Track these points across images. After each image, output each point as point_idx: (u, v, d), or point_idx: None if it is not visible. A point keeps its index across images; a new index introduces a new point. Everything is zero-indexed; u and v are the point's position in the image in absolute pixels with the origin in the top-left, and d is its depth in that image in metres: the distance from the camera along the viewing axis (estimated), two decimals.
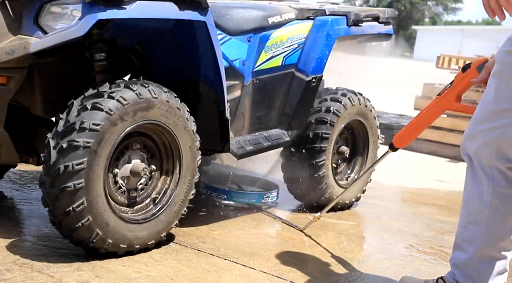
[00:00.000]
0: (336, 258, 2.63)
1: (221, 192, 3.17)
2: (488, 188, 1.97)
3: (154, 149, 2.48)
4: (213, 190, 3.19)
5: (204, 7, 2.48)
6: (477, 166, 1.98)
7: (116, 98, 2.24)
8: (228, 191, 3.17)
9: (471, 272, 2.04)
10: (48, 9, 2.28)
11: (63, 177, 2.14)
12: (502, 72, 1.94)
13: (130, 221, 2.35)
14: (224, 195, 3.17)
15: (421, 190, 4.23)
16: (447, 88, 2.42)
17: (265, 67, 3.17)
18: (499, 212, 1.98)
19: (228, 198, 3.18)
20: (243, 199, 3.20)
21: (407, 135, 2.58)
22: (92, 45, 2.46)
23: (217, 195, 3.18)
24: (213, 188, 3.20)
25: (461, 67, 2.39)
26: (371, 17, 3.51)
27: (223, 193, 3.17)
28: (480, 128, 1.98)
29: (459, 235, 2.08)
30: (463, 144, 2.06)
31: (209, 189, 3.20)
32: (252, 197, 3.20)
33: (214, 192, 3.18)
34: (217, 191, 3.18)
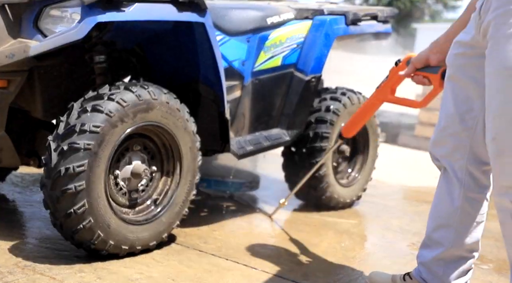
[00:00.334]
0: (337, 257, 2.64)
1: (201, 181, 3.14)
2: (460, 193, 1.98)
3: (154, 150, 2.49)
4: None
5: (202, 8, 2.49)
6: (449, 171, 2.00)
7: (116, 100, 2.25)
8: (208, 180, 3.23)
9: (437, 270, 2.06)
10: (48, 12, 2.29)
11: (64, 179, 2.15)
12: (456, 76, 1.96)
13: (132, 222, 2.36)
14: (204, 184, 3.23)
15: (421, 188, 4.23)
16: (384, 81, 2.53)
17: (265, 67, 3.17)
18: (469, 216, 2.00)
19: (208, 186, 3.25)
20: (222, 188, 3.26)
21: (353, 125, 2.82)
22: (92, 48, 2.48)
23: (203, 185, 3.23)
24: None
25: (395, 62, 2.48)
26: (370, 16, 3.51)
27: (203, 181, 3.21)
28: (446, 133, 1.99)
29: (428, 235, 2.09)
30: (431, 150, 2.08)
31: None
32: (232, 186, 3.26)
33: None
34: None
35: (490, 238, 3.18)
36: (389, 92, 2.52)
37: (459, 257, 2.06)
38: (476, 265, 2.69)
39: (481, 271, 2.66)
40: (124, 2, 2.25)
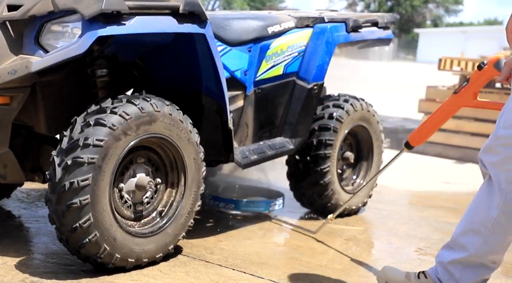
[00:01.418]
0: (345, 264, 2.63)
1: (229, 202, 3.18)
2: (499, 203, 1.95)
3: (158, 162, 2.49)
4: (220, 201, 3.20)
5: (203, 20, 2.50)
6: (494, 179, 1.96)
7: (118, 113, 2.25)
8: (236, 201, 3.18)
9: (455, 272, 2.04)
10: (49, 28, 2.30)
11: (68, 193, 2.15)
12: None
13: (137, 235, 2.36)
14: (232, 205, 3.18)
15: (427, 192, 4.22)
16: (464, 86, 2.46)
17: (267, 76, 3.18)
18: (502, 228, 1.98)
19: (237, 207, 3.19)
20: (251, 208, 3.21)
21: (423, 133, 2.65)
22: (94, 62, 2.49)
23: (224, 205, 3.19)
24: (221, 199, 3.21)
25: (477, 65, 2.42)
26: (370, 23, 3.52)
27: (231, 202, 3.18)
28: (500, 142, 1.95)
29: (455, 238, 2.07)
30: (481, 155, 2.03)
31: (216, 199, 3.21)
32: (260, 205, 3.21)
33: (221, 202, 3.20)
34: (224, 201, 3.19)
35: None
36: (471, 96, 2.44)
37: (480, 264, 2.03)
38: None
39: None
40: (124, 16, 2.26)
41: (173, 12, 2.41)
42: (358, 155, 3.51)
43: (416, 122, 6.56)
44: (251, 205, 3.21)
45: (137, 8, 2.28)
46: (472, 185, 4.53)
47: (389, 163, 2.86)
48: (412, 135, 2.68)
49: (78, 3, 2.21)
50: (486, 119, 5.45)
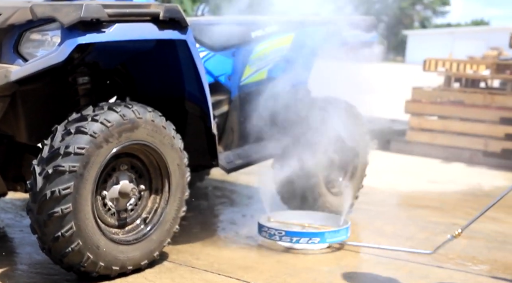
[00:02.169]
0: (330, 266, 2.63)
1: (313, 235, 2.80)
2: None
3: (142, 169, 2.48)
4: (301, 236, 2.81)
5: (183, 26, 2.50)
6: None
7: (100, 121, 2.25)
8: (321, 233, 2.81)
9: None
10: (28, 36, 2.29)
11: (50, 202, 2.14)
12: None
13: (121, 242, 2.35)
14: (317, 238, 2.79)
15: (414, 192, 4.23)
16: None
17: (251, 80, 3.19)
18: None
19: (322, 240, 2.80)
20: (338, 237, 2.84)
21: None
22: (75, 70, 2.48)
23: (308, 240, 2.79)
24: (303, 234, 2.83)
25: None
26: (353, 26, 3.53)
27: (316, 236, 2.80)
28: None
29: None
30: None
31: (295, 235, 2.80)
32: (342, 233, 2.87)
33: (303, 237, 2.80)
34: (308, 236, 2.80)
35: (481, 239, 3.18)
36: None
37: None
38: (467, 267, 2.69)
39: (473, 272, 2.65)
40: (104, 23, 2.26)
41: (154, 19, 2.40)
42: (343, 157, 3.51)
43: (403, 123, 6.58)
44: (335, 235, 2.83)
45: (116, 15, 2.28)
46: (458, 185, 4.57)
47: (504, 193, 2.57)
48: None
49: (57, 11, 2.20)
50: (471, 118, 5.49)
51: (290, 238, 2.79)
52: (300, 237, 2.79)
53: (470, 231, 3.30)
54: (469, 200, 4.11)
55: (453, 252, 2.91)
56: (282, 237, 2.80)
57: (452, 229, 3.33)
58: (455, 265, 2.73)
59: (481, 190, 4.46)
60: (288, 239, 2.79)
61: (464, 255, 2.89)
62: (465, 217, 3.60)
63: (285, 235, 2.79)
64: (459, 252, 2.93)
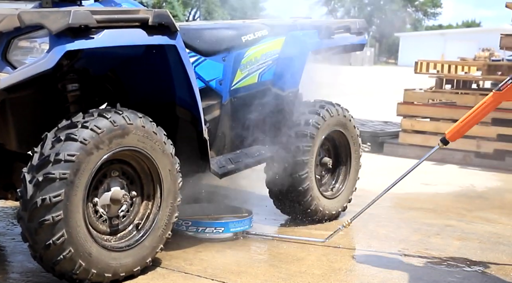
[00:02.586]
0: (324, 269, 2.63)
1: (217, 225, 2.96)
2: None
3: (133, 175, 2.47)
4: (206, 226, 2.95)
5: (173, 31, 2.50)
6: None
7: (90, 127, 2.24)
8: (225, 223, 2.96)
9: None
10: (16, 44, 2.29)
11: (40, 210, 2.13)
12: None
13: (114, 249, 2.34)
14: (221, 228, 2.96)
15: (407, 194, 4.23)
16: (509, 83, 2.57)
17: (242, 85, 3.19)
18: None
19: (226, 230, 2.95)
20: (239, 228, 3.00)
21: (463, 129, 2.73)
22: (64, 76, 2.47)
23: (213, 230, 2.94)
24: (207, 223, 2.96)
25: None
26: (343, 29, 3.54)
27: (220, 226, 2.95)
28: None
29: None
30: None
31: (198, 224, 2.95)
32: (246, 223, 3.02)
33: (207, 227, 2.95)
34: (212, 225, 2.95)
35: (475, 240, 3.19)
36: None
37: None
38: (460, 268, 2.69)
39: (466, 273, 2.65)
40: (92, 29, 2.25)
41: (143, 24, 2.40)
42: (336, 160, 3.52)
43: (396, 125, 6.59)
44: (239, 225, 2.99)
45: (105, 21, 2.28)
46: (451, 186, 4.58)
47: (421, 161, 2.92)
48: (451, 131, 2.76)
49: (45, 18, 2.20)
50: None
51: (196, 228, 2.95)
52: (206, 227, 2.96)
53: (463, 232, 3.31)
54: (462, 201, 4.12)
55: (446, 253, 2.92)
56: (189, 227, 2.96)
57: (445, 230, 3.35)
58: (448, 267, 2.73)
59: (474, 191, 4.47)
60: (194, 229, 2.95)
61: (458, 257, 2.89)
62: (458, 218, 3.61)
63: (191, 225, 2.96)
64: (453, 253, 2.93)
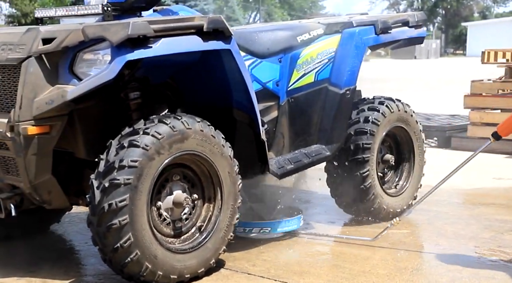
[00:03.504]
0: (389, 269, 2.59)
1: (264, 225, 2.97)
2: None
3: (194, 178, 2.54)
4: (253, 226, 2.97)
5: (227, 36, 2.54)
6: None
7: (151, 134, 2.32)
8: (271, 223, 2.97)
9: None
10: (81, 57, 2.40)
11: (108, 215, 2.23)
12: None
13: (178, 251, 2.40)
14: (268, 228, 2.97)
15: (478, 190, 4.09)
16: None
17: (299, 85, 3.20)
18: None
19: (273, 230, 2.97)
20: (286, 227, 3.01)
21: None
22: (126, 85, 2.57)
23: (259, 230, 2.96)
24: (253, 224, 2.97)
25: None
26: (401, 23, 3.48)
27: (266, 226, 2.97)
28: None
29: None
30: None
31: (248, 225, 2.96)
32: (293, 223, 3.03)
33: (254, 227, 2.97)
34: (259, 226, 2.97)
35: None
36: None
37: None
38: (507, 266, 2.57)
39: None
40: (151, 39, 2.33)
41: (198, 31, 2.46)
42: (398, 156, 3.46)
43: (464, 119, 6.37)
44: (286, 225, 3.00)
45: (162, 30, 2.35)
46: None
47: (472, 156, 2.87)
48: (502, 126, 2.70)
49: (106, 31, 2.30)
50: None
51: (243, 228, 2.94)
52: (253, 227, 2.95)
53: None
54: None
55: None
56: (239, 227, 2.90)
57: None
58: None
59: None
60: (241, 230, 2.93)
61: None
62: None
63: (240, 225, 2.90)
64: None
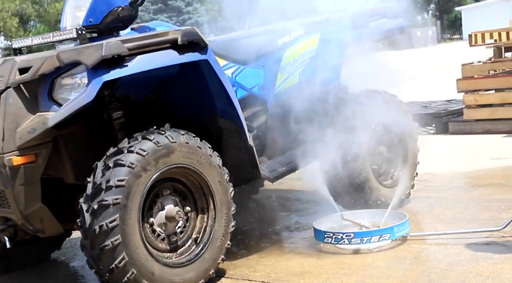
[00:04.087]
0: (389, 260, 2.57)
1: (384, 231, 2.73)
2: None
3: (184, 191, 2.54)
4: (372, 235, 2.73)
5: (202, 46, 2.55)
6: None
7: (135, 151, 2.32)
8: (390, 228, 2.74)
9: None
10: (59, 82, 2.41)
11: (100, 237, 2.23)
12: None
13: (175, 265, 2.40)
14: (387, 235, 2.72)
15: (476, 172, 4.07)
16: None
17: (284, 87, 3.20)
18: None
19: (392, 236, 2.74)
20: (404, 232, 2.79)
21: None
22: (108, 106, 2.57)
23: (379, 238, 2.71)
24: (372, 232, 2.75)
25: None
26: (378, 15, 3.48)
27: (386, 232, 2.73)
28: None
29: None
30: None
31: (365, 234, 2.74)
32: (406, 225, 2.81)
33: (373, 235, 2.73)
34: (378, 233, 2.73)
35: None
36: None
37: None
38: None
39: None
40: (126, 57, 2.34)
41: (173, 45, 2.47)
42: (390, 147, 3.44)
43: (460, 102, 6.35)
44: (402, 229, 2.78)
45: (136, 48, 2.37)
46: None
47: None
48: None
49: (80, 54, 2.31)
50: None
51: (360, 239, 2.71)
52: (371, 236, 2.72)
53: None
54: None
55: None
56: (352, 240, 2.72)
57: None
58: None
59: None
60: (358, 241, 2.71)
61: None
62: None
63: (354, 237, 2.72)
64: None
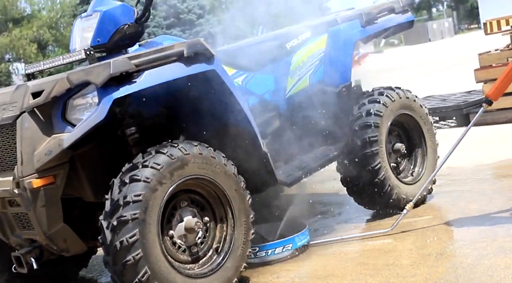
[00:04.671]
0: (413, 258, 2.54)
1: (287, 242, 2.84)
2: None
3: (202, 201, 2.55)
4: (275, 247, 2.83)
5: (209, 57, 2.57)
6: None
7: (150, 166, 2.34)
8: (292, 239, 2.85)
9: None
10: (72, 104, 2.44)
11: (121, 252, 2.25)
12: None
13: (198, 276, 2.41)
14: (289, 245, 2.83)
15: (500, 163, 4.00)
16: None
17: (295, 91, 3.20)
18: None
19: (294, 246, 2.85)
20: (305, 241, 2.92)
21: (500, 86, 2.85)
22: (121, 123, 2.60)
23: (282, 249, 2.83)
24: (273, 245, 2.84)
25: None
26: (386, 11, 3.46)
27: (288, 242, 2.84)
28: None
29: None
30: None
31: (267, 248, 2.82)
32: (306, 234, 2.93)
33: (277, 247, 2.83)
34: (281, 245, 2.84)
35: None
36: None
37: None
38: None
39: None
40: (134, 74, 2.37)
41: (179, 58, 2.49)
42: (409, 144, 3.41)
43: (480, 93, 6.25)
44: (303, 238, 2.90)
45: (143, 63, 2.39)
46: None
47: (469, 127, 2.94)
48: (491, 90, 2.88)
49: (89, 74, 2.35)
50: None
51: (265, 251, 2.82)
52: (275, 248, 2.82)
53: None
54: None
55: None
56: (257, 253, 2.80)
57: None
58: None
59: None
60: (264, 253, 2.82)
61: None
62: None
63: (259, 250, 2.81)
64: None
